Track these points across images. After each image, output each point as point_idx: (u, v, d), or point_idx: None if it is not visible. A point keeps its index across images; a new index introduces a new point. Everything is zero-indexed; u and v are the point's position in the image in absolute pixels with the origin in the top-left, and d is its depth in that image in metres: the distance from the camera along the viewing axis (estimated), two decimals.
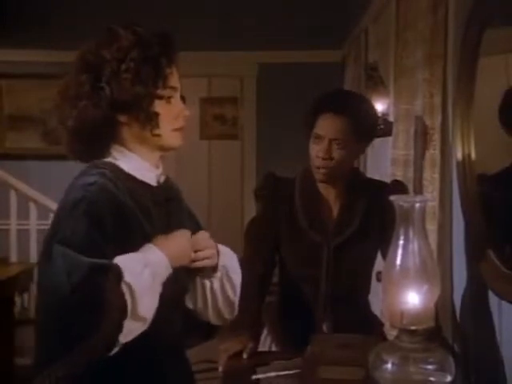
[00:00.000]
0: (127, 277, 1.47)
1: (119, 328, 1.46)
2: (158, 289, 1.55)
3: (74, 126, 1.61)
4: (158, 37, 1.64)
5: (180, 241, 1.65)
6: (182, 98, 1.71)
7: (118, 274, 1.47)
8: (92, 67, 1.60)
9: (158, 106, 1.63)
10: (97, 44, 1.62)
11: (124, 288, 1.47)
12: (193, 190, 6.83)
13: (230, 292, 1.81)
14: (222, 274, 1.78)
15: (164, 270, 1.57)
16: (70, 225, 1.52)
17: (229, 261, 1.80)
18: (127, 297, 1.46)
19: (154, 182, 1.71)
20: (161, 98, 1.63)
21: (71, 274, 1.45)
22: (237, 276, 1.83)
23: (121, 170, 1.65)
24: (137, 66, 1.58)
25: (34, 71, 5.71)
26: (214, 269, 1.76)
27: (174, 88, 1.67)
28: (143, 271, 1.51)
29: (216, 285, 1.78)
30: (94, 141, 1.64)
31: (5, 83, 5.88)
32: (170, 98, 1.66)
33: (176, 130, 1.68)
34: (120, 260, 1.50)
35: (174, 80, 1.67)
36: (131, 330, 1.48)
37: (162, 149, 1.71)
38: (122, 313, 1.46)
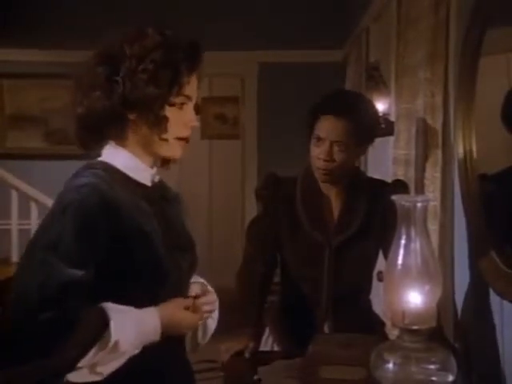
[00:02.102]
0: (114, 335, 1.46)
1: (70, 368, 1.45)
2: (133, 353, 1.53)
3: (84, 113, 1.61)
4: (185, 42, 1.63)
5: (183, 314, 1.65)
6: (197, 108, 1.70)
7: (101, 314, 1.47)
8: (111, 60, 1.59)
9: (169, 111, 1.62)
10: (122, 39, 1.61)
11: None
12: (194, 189, 6.88)
13: (200, 337, 1.82)
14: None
15: (150, 341, 1.56)
16: (57, 229, 1.50)
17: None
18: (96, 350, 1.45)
19: (148, 182, 1.70)
20: (172, 104, 1.62)
21: (45, 288, 1.44)
22: (213, 322, 1.83)
23: (115, 170, 1.64)
24: (155, 68, 1.57)
25: (35, 71, 5.71)
26: None
27: (188, 97, 1.65)
28: (130, 335, 1.50)
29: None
30: (100, 132, 1.63)
31: (6, 83, 5.88)
32: (182, 104, 1.64)
33: (180, 138, 1.67)
34: (110, 310, 1.49)
35: (191, 89, 1.65)
36: (82, 375, 1.47)
37: (162, 156, 1.70)
38: (81, 354, 1.44)
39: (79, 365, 1.45)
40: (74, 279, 1.47)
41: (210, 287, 1.80)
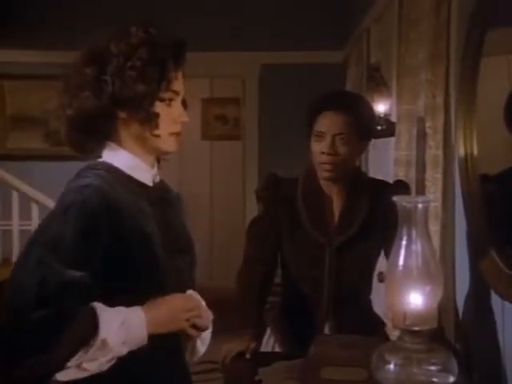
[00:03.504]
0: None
1: (60, 367, 1.44)
2: (121, 352, 1.51)
3: (73, 114, 1.61)
4: (170, 39, 1.64)
5: (173, 308, 1.62)
6: (184, 104, 1.71)
7: (92, 313, 1.47)
8: (98, 59, 1.59)
9: (159, 108, 1.63)
10: (107, 37, 1.62)
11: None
12: (195, 190, 6.88)
13: (187, 356, 1.80)
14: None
15: (138, 343, 1.54)
16: (59, 228, 1.50)
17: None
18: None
19: (150, 182, 1.71)
20: (162, 100, 1.63)
21: (44, 286, 1.44)
22: (202, 345, 1.80)
23: (117, 170, 1.64)
24: (143, 65, 1.58)
25: (36, 72, 5.71)
26: None
27: (176, 92, 1.66)
28: (119, 331, 1.49)
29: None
30: (91, 133, 1.63)
31: (7, 84, 5.88)
32: (171, 100, 1.65)
33: (173, 134, 1.68)
34: (100, 312, 1.48)
35: (178, 84, 1.66)
36: (70, 373, 1.46)
37: (158, 152, 1.70)
38: (72, 352, 1.44)
39: (68, 364, 1.44)
40: (72, 280, 1.46)
41: (209, 312, 1.78)
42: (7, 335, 1.43)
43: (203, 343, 1.80)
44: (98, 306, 1.49)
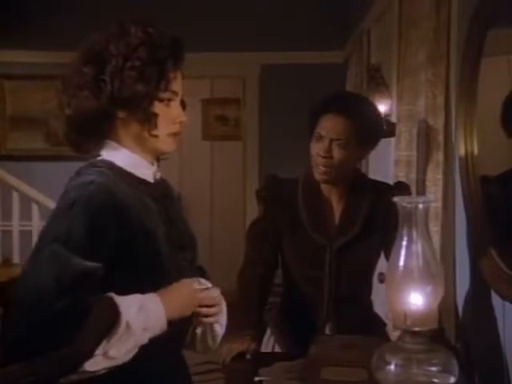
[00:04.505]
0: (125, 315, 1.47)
1: (88, 356, 1.44)
2: (143, 339, 1.52)
3: (72, 114, 1.61)
4: (168, 39, 1.64)
5: (184, 293, 1.64)
6: (183, 104, 1.71)
7: (110, 301, 1.48)
8: (97, 59, 1.59)
9: (157, 108, 1.63)
10: (106, 37, 1.62)
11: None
12: (195, 190, 6.88)
13: (209, 340, 1.80)
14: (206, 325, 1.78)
15: (158, 328, 1.55)
16: (66, 224, 1.50)
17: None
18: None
19: (151, 179, 1.71)
20: (161, 100, 1.63)
21: (60, 278, 1.44)
22: (220, 328, 1.81)
23: (118, 168, 1.65)
24: (142, 65, 1.58)
25: (36, 72, 5.70)
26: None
27: (174, 92, 1.67)
28: (138, 315, 1.50)
29: (198, 331, 1.79)
30: (90, 132, 1.63)
31: (7, 84, 5.88)
32: (169, 100, 1.66)
33: (171, 134, 1.68)
34: (117, 299, 1.49)
35: (177, 85, 1.67)
36: (98, 363, 1.46)
37: (156, 152, 1.71)
38: (98, 340, 1.44)
39: (95, 352, 1.45)
40: (87, 270, 1.47)
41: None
42: (31, 332, 1.42)
43: (221, 326, 1.80)
44: (113, 294, 1.50)
